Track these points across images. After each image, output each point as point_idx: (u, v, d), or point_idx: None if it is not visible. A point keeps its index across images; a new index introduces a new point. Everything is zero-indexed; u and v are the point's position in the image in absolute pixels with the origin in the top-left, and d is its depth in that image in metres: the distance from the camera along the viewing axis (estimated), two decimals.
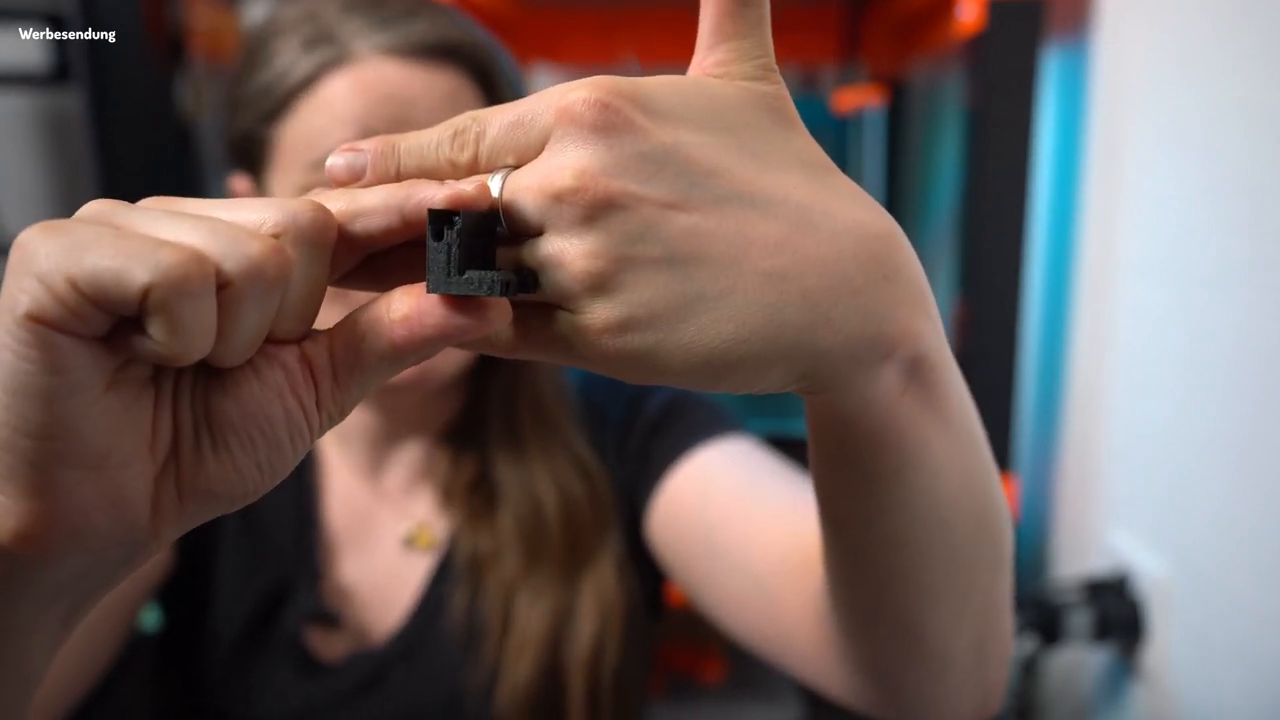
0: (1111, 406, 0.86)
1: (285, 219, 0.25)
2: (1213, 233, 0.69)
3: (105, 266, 0.22)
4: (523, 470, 0.63)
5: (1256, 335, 0.64)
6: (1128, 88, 0.84)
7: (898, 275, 0.28)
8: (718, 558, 0.54)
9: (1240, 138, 0.66)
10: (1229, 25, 0.68)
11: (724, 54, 0.29)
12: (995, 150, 0.88)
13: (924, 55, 1.34)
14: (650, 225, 0.26)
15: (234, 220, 0.25)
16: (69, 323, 0.22)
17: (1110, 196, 0.87)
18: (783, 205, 0.27)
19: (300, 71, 0.54)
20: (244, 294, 0.24)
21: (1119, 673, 0.84)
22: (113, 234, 0.23)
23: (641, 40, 1.37)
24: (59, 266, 0.22)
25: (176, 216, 0.24)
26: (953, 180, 1.22)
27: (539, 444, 0.64)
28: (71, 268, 0.22)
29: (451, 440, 0.66)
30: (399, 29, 0.54)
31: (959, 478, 0.33)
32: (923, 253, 1.45)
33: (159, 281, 0.22)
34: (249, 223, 0.25)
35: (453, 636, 0.61)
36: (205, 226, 0.24)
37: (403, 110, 0.53)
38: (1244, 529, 0.65)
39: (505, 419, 0.65)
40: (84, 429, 0.23)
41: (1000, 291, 0.90)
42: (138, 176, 0.91)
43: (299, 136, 0.55)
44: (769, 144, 0.28)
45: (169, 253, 0.22)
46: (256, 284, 0.24)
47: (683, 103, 0.27)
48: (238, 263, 0.23)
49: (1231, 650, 0.67)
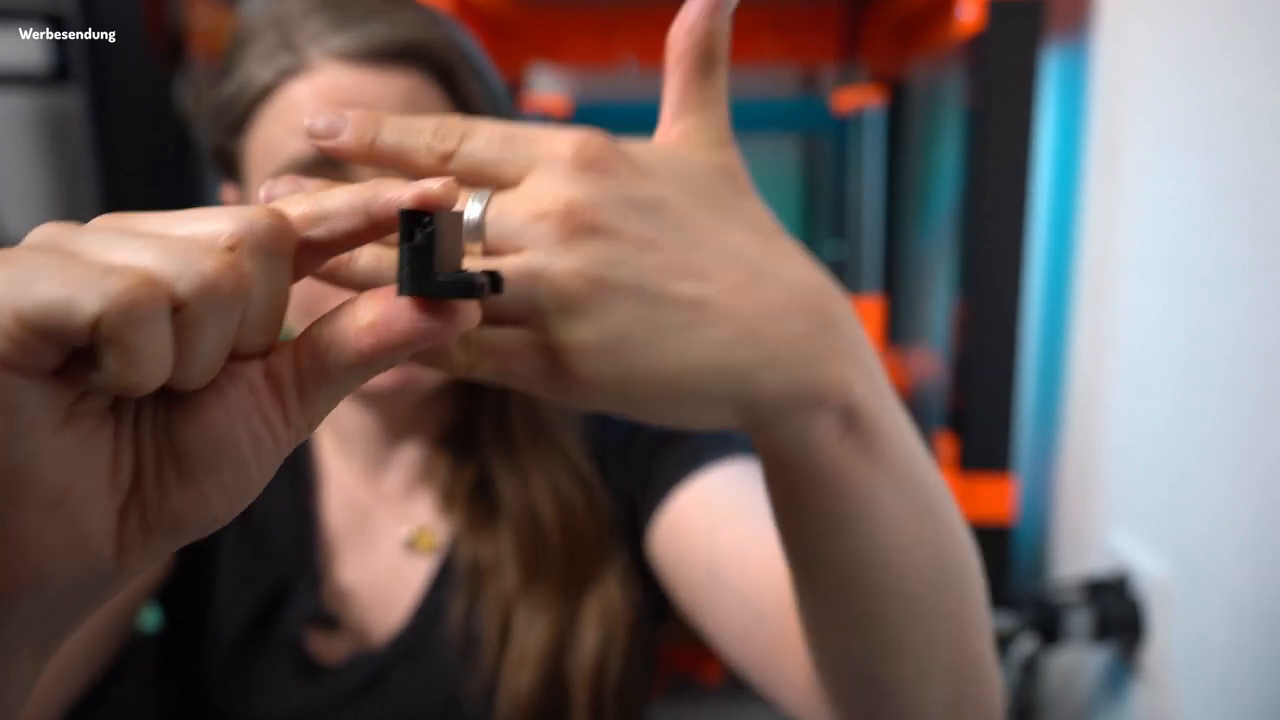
0: (1111, 406, 0.86)
1: (241, 229, 0.24)
2: (1213, 233, 0.69)
3: (52, 298, 0.21)
4: (518, 479, 0.63)
5: (1257, 335, 0.64)
6: (1127, 88, 0.84)
7: (835, 326, 0.31)
8: (720, 587, 0.54)
9: (1240, 138, 0.66)
10: (1229, 25, 0.68)
11: (686, 126, 0.33)
12: (995, 150, 0.88)
13: (924, 55, 1.34)
14: (628, 256, 0.29)
15: (187, 235, 0.24)
16: (18, 360, 0.21)
17: (1110, 196, 0.87)
18: (740, 257, 0.30)
19: (260, 81, 0.53)
20: (201, 315, 0.23)
21: (1119, 673, 0.84)
22: (60, 262, 0.22)
23: (641, 40, 1.37)
24: (4, 302, 0.21)
25: (127, 236, 0.23)
26: (953, 180, 1.22)
27: (534, 452, 0.63)
28: (17, 301, 0.21)
29: (451, 444, 0.66)
30: (355, 31, 0.53)
31: (910, 529, 0.34)
32: (923, 253, 1.45)
33: (108, 310, 0.21)
34: (203, 236, 0.24)
35: (452, 642, 0.61)
36: (156, 245, 0.23)
37: None
38: (1244, 529, 0.65)
39: (498, 427, 0.64)
40: (40, 469, 0.22)
41: (1000, 291, 0.90)
42: (137, 176, 0.91)
43: (261, 147, 0.54)
44: (727, 206, 0.32)
45: (117, 279, 0.21)
46: (213, 303, 0.23)
47: (659, 163, 0.31)
48: (191, 282, 0.22)
49: (1232, 650, 0.67)
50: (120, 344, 0.21)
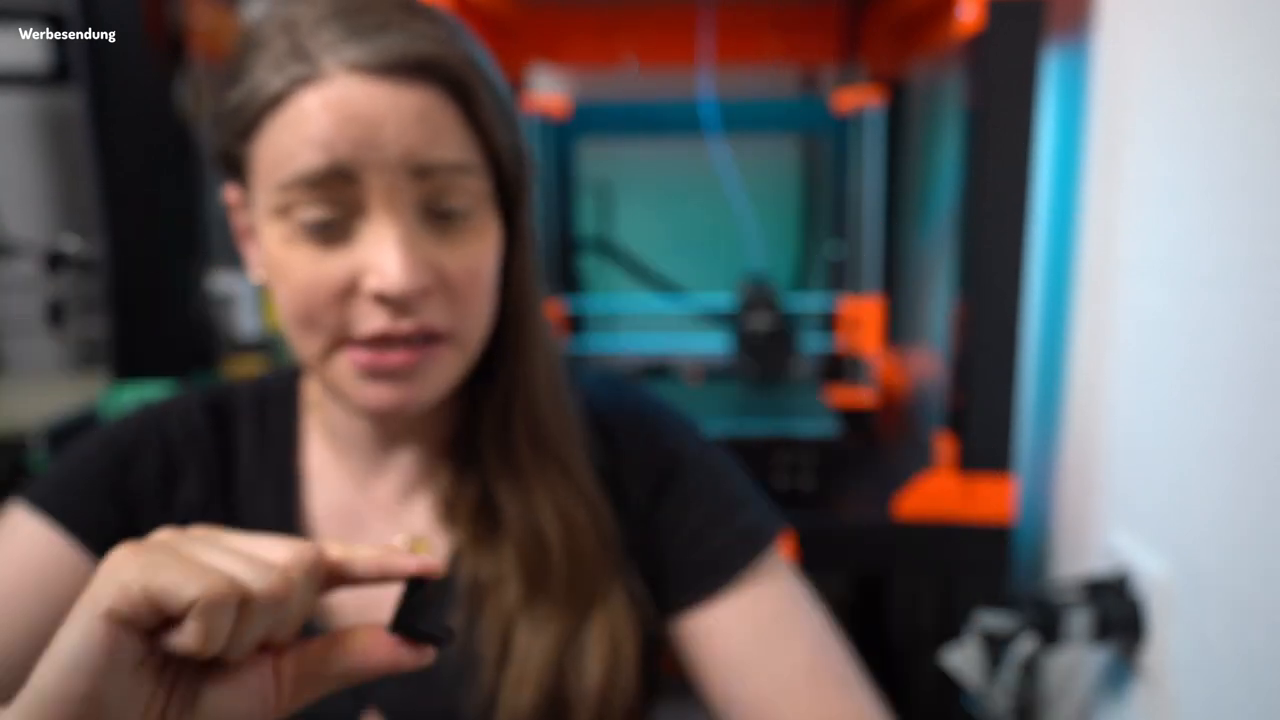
0: (1111, 406, 0.86)
1: (294, 558, 0.37)
2: (1213, 232, 0.69)
3: (169, 581, 0.33)
4: (521, 497, 0.61)
5: (1257, 335, 0.64)
6: (1127, 87, 0.84)
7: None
8: (732, 713, 0.62)
9: (1241, 137, 0.66)
10: (1229, 25, 0.68)
11: None
12: (995, 150, 0.88)
13: (924, 55, 1.34)
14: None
15: (258, 556, 0.36)
16: (133, 618, 0.33)
17: (1110, 196, 0.87)
18: None
19: (271, 89, 0.52)
20: (259, 608, 0.35)
21: (1119, 673, 0.84)
22: (176, 559, 0.34)
23: (641, 40, 1.37)
24: (137, 579, 0.33)
25: (219, 549, 0.36)
26: (952, 180, 1.22)
27: (537, 469, 0.62)
28: (147, 581, 0.33)
29: (453, 455, 0.65)
30: (370, 43, 0.51)
31: None
32: (923, 253, 1.45)
33: (203, 596, 0.33)
34: (269, 558, 0.36)
35: (449, 657, 0.60)
36: (238, 558, 0.35)
37: (369, 131, 0.51)
38: (1245, 529, 0.65)
39: (500, 443, 0.62)
40: (110, 698, 0.34)
41: (1000, 292, 0.90)
42: (137, 176, 0.91)
43: (270, 155, 0.53)
44: None
45: (212, 578, 0.33)
46: (268, 604, 0.35)
47: None
48: (258, 586, 0.35)
49: (1232, 651, 0.67)
50: (203, 619, 0.33)
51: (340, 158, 0.51)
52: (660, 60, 1.36)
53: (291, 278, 0.54)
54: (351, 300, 0.54)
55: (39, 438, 1.00)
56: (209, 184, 1.11)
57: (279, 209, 0.53)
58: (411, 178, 0.53)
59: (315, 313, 0.54)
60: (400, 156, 0.52)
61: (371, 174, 0.52)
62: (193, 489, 0.64)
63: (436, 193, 0.54)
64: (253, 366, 1.29)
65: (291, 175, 0.52)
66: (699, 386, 1.27)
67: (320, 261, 0.53)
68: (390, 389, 0.55)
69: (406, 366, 0.54)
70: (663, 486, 0.66)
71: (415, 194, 0.53)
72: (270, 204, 0.54)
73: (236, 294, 1.28)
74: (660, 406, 0.70)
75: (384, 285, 0.52)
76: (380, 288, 0.52)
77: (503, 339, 0.61)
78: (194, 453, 0.64)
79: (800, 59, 1.41)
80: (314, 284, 0.53)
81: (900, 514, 0.96)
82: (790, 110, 1.30)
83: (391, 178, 0.52)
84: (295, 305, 0.54)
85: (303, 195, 0.52)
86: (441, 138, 0.53)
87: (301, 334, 0.55)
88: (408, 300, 0.53)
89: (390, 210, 0.52)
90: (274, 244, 0.54)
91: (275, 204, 0.53)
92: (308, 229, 0.53)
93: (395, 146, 0.52)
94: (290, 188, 0.52)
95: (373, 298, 0.53)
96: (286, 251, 0.54)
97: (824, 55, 1.38)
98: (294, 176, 0.52)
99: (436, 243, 0.54)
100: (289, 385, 0.69)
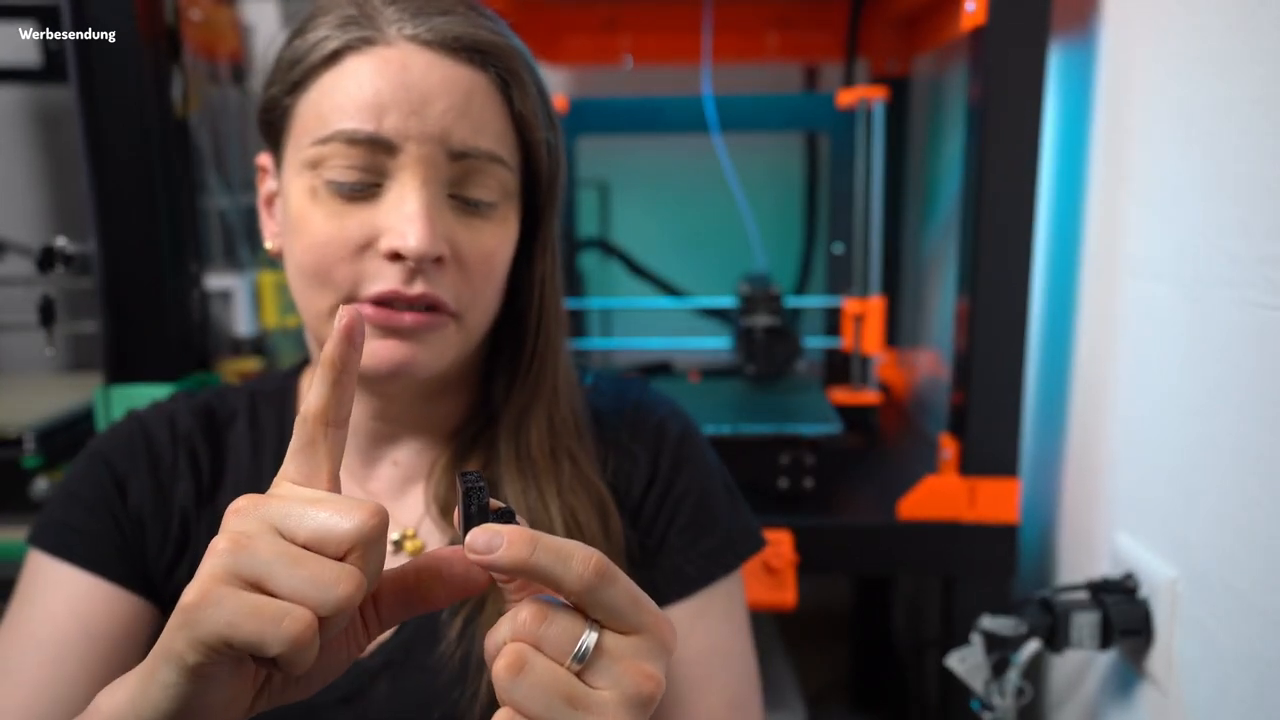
0: (1115, 408, 0.85)
1: (357, 534, 0.36)
2: (1219, 231, 0.68)
3: (251, 636, 0.34)
4: (532, 497, 0.62)
5: (1263, 334, 0.63)
6: (1132, 83, 0.83)
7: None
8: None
9: (1246, 134, 0.65)
10: (1234, 20, 0.67)
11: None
12: (999, 146, 0.87)
13: (928, 50, 1.33)
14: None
15: (330, 542, 0.36)
16: (226, 661, 0.36)
17: (1114, 194, 0.86)
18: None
19: (329, 46, 0.55)
20: (336, 621, 0.36)
21: (1125, 677, 0.83)
22: (253, 607, 0.35)
23: (641, 39, 1.37)
24: (221, 634, 0.35)
25: (295, 566, 0.35)
26: (956, 176, 1.21)
27: (551, 471, 0.62)
28: (229, 637, 0.35)
29: (453, 446, 0.65)
30: (433, 21, 0.55)
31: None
32: (926, 253, 1.44)
33: (286, 650, 0.34)
34: (340, 540, 0.36)
35: (445, 659, 0.59)
36: (309, 575, 0.35)
37: (418, 103, 0.54)
38: (1251, 531, 0.65)
39: (516, 441, 0.63)
40: (214, 705, 0.37)
41: (1005, 291, 0.89)
42: (129, 171, 0.90)
43: (315, 108, 0.55)
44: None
45: (291, 624, 0.34)
46: (345, 613, 0.36)
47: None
48: (335, 605, 0.35)
49: (1239, 653, 0.66)
50: (290, 663, 0.35)
51: (386, 126, 0.53)
52: (660, 58, 1.35)
53: (310, 230, 0.55)
54: (365, 258, 0.55)
55: (30, 438, 1.00)
56: (205, 181, 1.11)
57: (311, 161, 0.55)
58: (447, 157, 0.55)
59: (328, 267, 0.55)
60: (441, 133, 0.54)
61: (411, 144, 0.54)
62: (188, 495, 0.63)
63: (466, 177, 0.56)
64: (249, 367, 1.28)
65: (333, 131, 0.54)
66: (699, 384, 1.26)
67: (342, 216, 0.55)
68: (396, 345, 0.56)
69: (416, 326, 0.56)
70: (651, 486, 0.66)
71: (447, 172, 0.56)
72: (303, 157, 0.55)
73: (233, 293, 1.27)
74: (659, 405, 0.69)
75: (402, 244, 0.53)
76: (398, 246, 0.54)
77: (528, 340, 0.63)
78: (186, 458, 0.64)
79: (803, 54, 1.40)
80: (332, 238, 0.55)
81: (903, 515, 0.95)
82: (792, 106, 1.29)
83: (429, 151, 0.54)
84: (310, 259, 0.56)
85: (338, 151, 0.54)
86: (484, 125, 0.56)
87: (312, 289, 0.57)
88: (421, 264, 0.54)
89: (419, 180, 0.54)
90: (298, 196, 0.56)
91: (309, 157, 0.55)
92: (335, 184, 0.55)
93: (439, 123, 0.54)
94: (329, 142, 0.54)
95: (387, 256, 0.55)
96: (309, 204, 0.55)
97: (827, 50, 1.37)
98: (336, 133, 0.54)
99: (457, 221, 0.57)
100: (282, 385, 0.69)
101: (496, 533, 0.36)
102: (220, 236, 1.30)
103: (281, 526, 0.36)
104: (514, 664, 0.36)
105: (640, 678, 0.37)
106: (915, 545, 0.95)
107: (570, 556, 0.36)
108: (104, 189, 0.90)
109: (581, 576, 0.36)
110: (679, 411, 0.70)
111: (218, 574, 0.35)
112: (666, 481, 0.66)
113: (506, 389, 0.64)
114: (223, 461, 0.65)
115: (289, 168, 0.57)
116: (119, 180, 0.90)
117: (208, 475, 0.64)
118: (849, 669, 1.58)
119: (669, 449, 0.67)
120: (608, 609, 0.37)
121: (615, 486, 0.65)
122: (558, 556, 0.36)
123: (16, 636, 0.58)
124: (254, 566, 0.35)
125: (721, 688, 0.65)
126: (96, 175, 0.89)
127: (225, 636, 0.34)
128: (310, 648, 0.35)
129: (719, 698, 0.64)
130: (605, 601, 0.37)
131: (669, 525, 0.66)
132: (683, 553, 0.65)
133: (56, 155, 1.50)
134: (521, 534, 0.36)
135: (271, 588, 0.35)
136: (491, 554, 0.36)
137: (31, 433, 1.00)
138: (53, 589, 0.60)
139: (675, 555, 0.65)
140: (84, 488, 0.62)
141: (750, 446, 1.01)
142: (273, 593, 0.35)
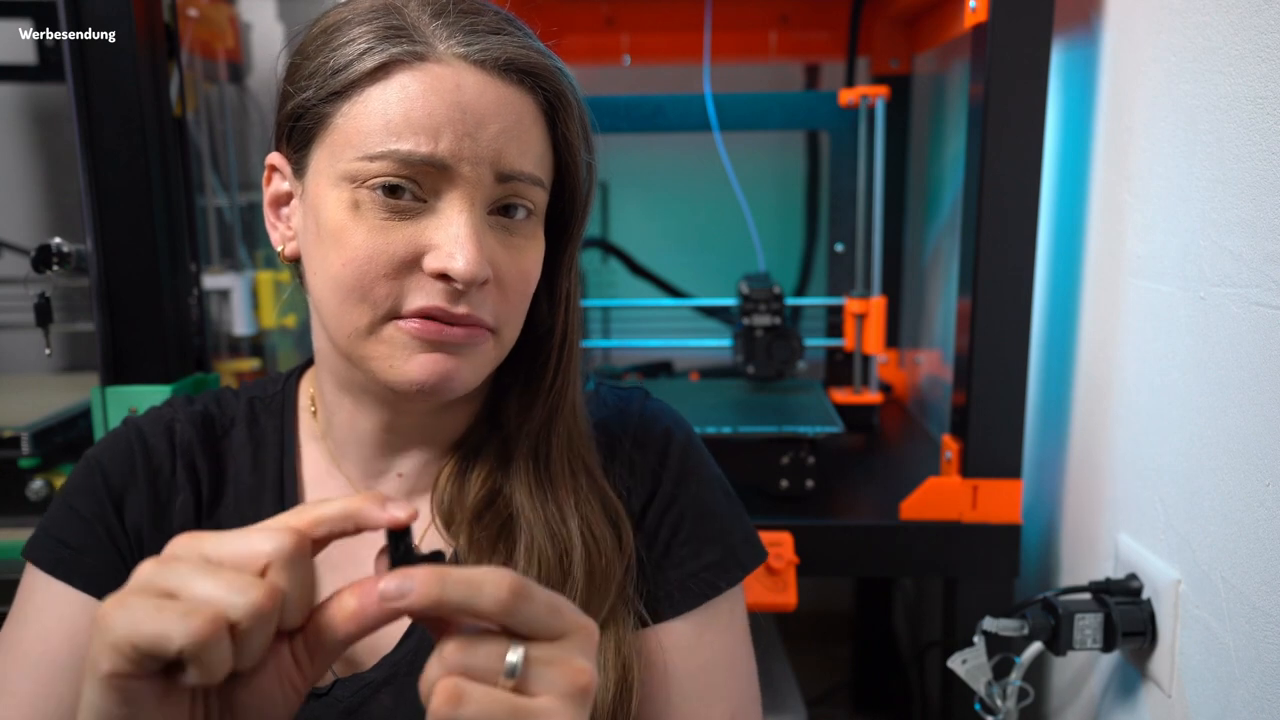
0: (1117, 406, 0.85)
1: (273, 550, 0.37)
2: (1222, 230, 0.68)
3: (153, 635, 0.34)
4: (549, 509, 0.61)
5: (1267, 333, 0.62)
6: (1135, 81, 0.82)
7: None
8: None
9: (1250, 132, 0.65)
10: (1237, 18, 0.67)
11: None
12: (1001, 145, 0.86)
13: (929, 48, 1.33)
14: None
15: (241, 559, 0.37)
16: (134, 671, 0.35)
17: (1117, 192, 0.85)
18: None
19: (376, 59, 0.54)
20: (251, 628, 0.35)
21: (1129, 678, 0.82)
22: (157, 605, 0.35)
23: (641, 38, 1.36)
24: (125, 636, 0.35)
25: (203, 572, 0.36)
26: (958, 175, 1.20)
27: (570, 483, 0.62)
28: (131, 636, 0.35)
29: (455, 458, 0.64)
30: (486, 40, 0.54)
31: None
32: (927, 253, 1.43)
33: (189, 643, 0.34)
34: (253, 559, 0.37)
35: None
36: (223, 580, 0.36)
37: (473, 125, 0.53)
38: (1255, 532, 0.64)
39: (535, 452, 0.62)
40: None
41: (1007, 290, 0.89)
42: (126, 169, 0.89)
43: (359, 121, 0.54)
44: None
45: (194, 620, 0.34)
46: (260, 619, 0.36)
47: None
48: (244, 609, 0.35)
49: (1243, 655, 0.66)
50: (197, 660, 0.34)
51: (441, 148, 0.53)
52: (655, 56, 1.35)
53: (351, 244, 0.54)
54: (408, 275, 0.54)
55: (26, 439, 0.99)
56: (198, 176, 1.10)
57: (354, 175, 0.54)
58: (494, 178, 0.55)
59: (370, 282, 0.54)
60: (493, 156, 0.54)
61: (465, 165, 0.53)
62: (187, 506, 0.63)
63: (508, 198, 0.56)
64: (247, 367, 1.28)
65: (387, 150, 0.53)
66: (699, 384, 1.26)
67: (387, 231, 0.54)
68: (442, 359, 0.55)
69: (464, 340, 0.56)
70: (654, 497, 0.66)
71: (492, 193, 0.55)
72: (344, 169, 0.54)
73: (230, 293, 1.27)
74: (662, 415, 0.69)
75: (452, 267, 0.53)
76: (448, 268, 0.53)
77: (553, 356, 0.62)
78: (185, 469, 0.63)
79: (806, 52, 1.39)
80: (376, 253, 0.54)
81: (905, 516, 0.94)
82: (793, 105, 1.29)
83: (480, 173, 0.54)
84: (350, 272, 0.54)
85: (389, 169, 0.53)
86: (529, 148, 0.56)
87: (348, 304, 0.55)
88: (468, 288, 0.54)
89: (468, 201, 0.54)
90: (335, 208, 0.55)
91: (352, 171, 0.54)
92: (381, 201, 0.54)
93: (492, 145, 0.54)
94: (380, 159, 0.53)
95: (434, 275, 0.54)
96: (350, 218, 0.54)
97: (829, 48, 1.37)
98: (390, 151, 0.53)
99: (498, 242, 0.56)
100: (281, 391, 0.68)
101: (407, 575, 0.37)
102: (218, 235, 1.30)
103: (206, 549, 0.38)
104: (451, 697, 0.37)
105: (573, 674, 0.39)
106: (917, 546, 0.94)
107: (482, 584, 0.37)
108: (100, 188, 0.89)
109: (497, 600, 0.37)
110: (681, 422, 0.70)
111: (134, 587, 0.37)
112: (669, 493, 0.66)
113: (525, 403, 0.63)
114: (223, 474, 0.65)
115: (321, 177, 0.56)
116: (115, 179, 0.89)
117: (207, 488, 0.64)
118: (850, 670, 1.58)
119: (673, 461, 0.67)
120: (530, 624, 0.38)
121: (619, 496, 0.64)
122: (469, 586, 0.37)
123: (12, 653, 0.58)
124: (169, 578, 0.37)
125: (724, 699, 0.64)
126: (92, 174, 0.89)
127: (129, 636, 0.35)
128: (217, 647, 0.35)
129: (722, 709, 0.64)
130: (526, 618, 0.38)
131: (672, 536, 0.65)
132: (686, 565, 0.65)
133: (52, 154, 1.49)
134: (430, 573, 0.37)
135: (184, 595, 0.36)
136: (405, 598, 0.37)
137: (27, 433, 1.00)
138: (48, 607, 0.59)
139: (678, 568, 0.65)
140: (81, 501, 0.62)
141: (751, 447, 1.00)
142: (185, 599, 0.36)
